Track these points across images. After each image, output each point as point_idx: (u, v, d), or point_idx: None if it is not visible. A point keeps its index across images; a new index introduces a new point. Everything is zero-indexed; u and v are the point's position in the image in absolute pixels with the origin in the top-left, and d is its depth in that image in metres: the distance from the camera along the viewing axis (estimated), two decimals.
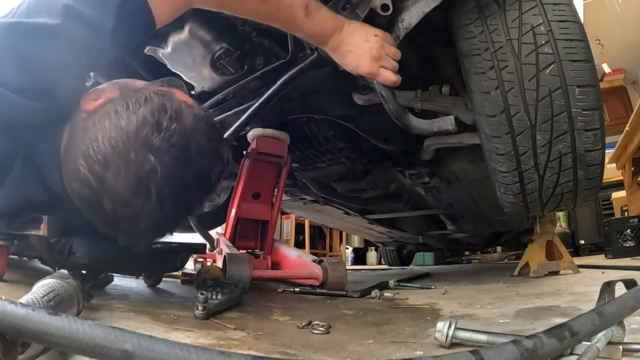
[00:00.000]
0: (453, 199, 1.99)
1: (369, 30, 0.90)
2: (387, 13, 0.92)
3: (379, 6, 0.92)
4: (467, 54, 0.97)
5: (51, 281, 0.63)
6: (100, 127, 0.62)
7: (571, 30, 0.90)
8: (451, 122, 1.04)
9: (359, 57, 0.89)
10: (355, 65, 0.90)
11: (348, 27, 0.89)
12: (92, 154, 0.60)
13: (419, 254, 4.73)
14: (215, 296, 0.98)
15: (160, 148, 0.61)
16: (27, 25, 0.62)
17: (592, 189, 1.03)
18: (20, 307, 0.36)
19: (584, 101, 0.89)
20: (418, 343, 0.75)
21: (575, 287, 1.32)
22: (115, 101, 0.65)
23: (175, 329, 0.78)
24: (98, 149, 0.60)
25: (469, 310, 1.07)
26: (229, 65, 1.20)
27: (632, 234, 2.60)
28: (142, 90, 0.68)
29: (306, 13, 0.81)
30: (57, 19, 0.61)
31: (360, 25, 0.91)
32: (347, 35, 0.88)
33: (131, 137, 0.61)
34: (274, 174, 1.69)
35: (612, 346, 0.54)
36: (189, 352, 0.36)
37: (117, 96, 0.67)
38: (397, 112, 1.00)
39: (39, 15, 0.62)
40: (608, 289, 0.66)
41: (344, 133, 1.57)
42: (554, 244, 1.86)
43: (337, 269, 1.55)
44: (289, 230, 5.47)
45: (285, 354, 0.66)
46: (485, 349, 0.44)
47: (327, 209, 2.43)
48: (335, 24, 0.87)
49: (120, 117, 0.62)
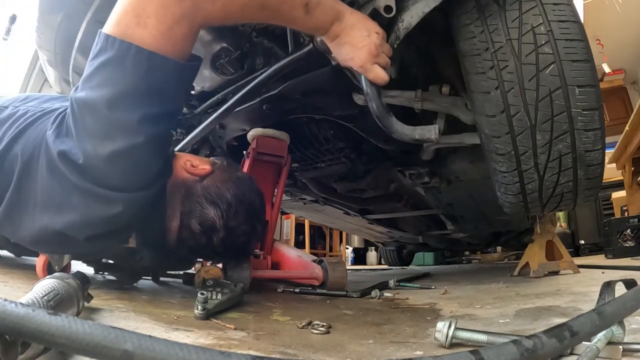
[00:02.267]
0: (453, 199, 1.99)
1: (371, 26, 0.89)
2: (390, 15, 0.91)
3: (382, 7, 0.91)
4: (467, 54, 0.97)
5: (51, 281, 0.63)
6: (222, 186, 0.96)
7: (571, 30, 0.90)
8: (435, 131, 0.98)
9: (357, 50, 0.87)
10: (350, 57, 0.89)
11: (349, 17, 0.87)
12: (220, 204, 0.93)
13: (419, 254, 4.73)
14: (215, 296, 0.98)
15: (254, 204, 1.02)
16: (121, 153, 0.73)
17: (592, 189, 1.03)
18: (20, 307, 0.36)
19: (584, 101, 0.89)
20: (418, 343, 0.75)
21: (575, 287, 1.32)
22: (218, 173, 0.99)
23: (175, 329, 0.78)
24: (228, 202, 0.94)
25: (469, 310, 1.07)
26: (229, 65, 1.20)
27: (632, 234, 2.60)
28: (227, 164, 1.05)
29: (306, 11, 0.80)
30: (140, 136, 0.73)
31: (362, 17, 0.89)
32: (348, 27, 0.86)
33: (240, 197, 0.97)
34: (274, 174, 1.69)
35: (612, 346, 0.54)
36: (189, 352, 0.36)
37: (216, 169, 0.99)
38: (380, 112, 0.96)
39: (119, 135, 0.72)
40: (608, 289, 0.66)
41: (344, 133, 1.57)
42: (554, 244, 1.86)
43: (337, 269, 1.55)
44: (289, 230, 5.47)
45: (285, 354, 0.66)
46: (485, 349, 0.44)
47: (327, 209, 2.43)
48: (335, 14, 0.85)
49: (231, 182, 0.98)
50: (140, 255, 1.12)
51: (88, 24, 1.16)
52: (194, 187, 0.94)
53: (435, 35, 1.13)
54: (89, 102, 0.72)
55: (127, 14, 0.69)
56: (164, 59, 0.70)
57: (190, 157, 1.00)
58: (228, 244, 0.95)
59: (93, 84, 0.72)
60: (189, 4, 0.68)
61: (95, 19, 1.14)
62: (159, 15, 0.68)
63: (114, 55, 0.69)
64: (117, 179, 0.76)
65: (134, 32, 0.68)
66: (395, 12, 0.91)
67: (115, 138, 0.72)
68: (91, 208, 0.78)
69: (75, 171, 0.75)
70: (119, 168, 0.75)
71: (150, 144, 0.75)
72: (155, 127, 0.75)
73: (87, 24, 1.16)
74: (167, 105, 0.78)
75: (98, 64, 0.71)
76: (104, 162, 0.73)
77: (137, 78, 0.70)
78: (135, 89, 0.70)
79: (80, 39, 1.22)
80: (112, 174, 0.75)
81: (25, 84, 3.25)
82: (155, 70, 0.70)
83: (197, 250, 0.97)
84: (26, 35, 2.96)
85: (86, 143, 0.73)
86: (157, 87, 0.73)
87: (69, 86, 1.49)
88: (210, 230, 0.92)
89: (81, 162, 0.73)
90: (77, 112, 0.74)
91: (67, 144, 0.76)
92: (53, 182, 0.79)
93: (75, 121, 0.75)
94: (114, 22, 0.70)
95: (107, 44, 0.70)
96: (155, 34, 0.68)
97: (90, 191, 0.76)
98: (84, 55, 1.28)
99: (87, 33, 1.19)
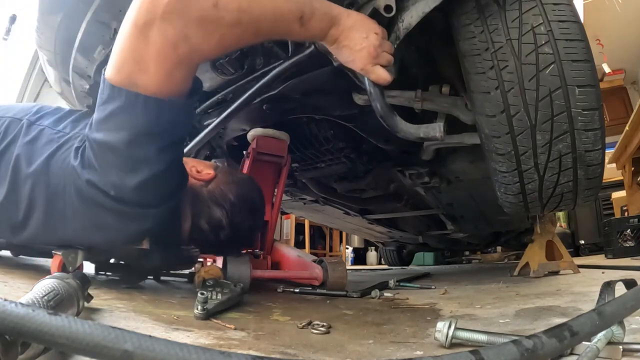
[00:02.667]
0: (453, 199, 1.99)
1: (369, 26, 0.88)
2: (390, 14, 0.90)
3: (382, 7, 0.90)
4: (467, 54, 0.97)
5: (51, 281, 0.63)
6: (224, 189, 1.06)
7: (571, 30, 0.90)
8: (439, 129, 0.99)
9: (356, 52, 0.86)
10: (351, 59, 0.89)
11: (347, 20, 0.86)
12: (224, 204, 1.03)
13: (419, 254, 4.73)
14: (215, 296, 0.98)
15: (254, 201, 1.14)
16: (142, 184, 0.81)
17: (592, 189, 1.03)
18: (20, 307, 0.36)
19: (584, 101, 0.89)
20: (418, 343, 0.75)
21: (575, 287, 1.32)
22: (221, 177, 1.09)
23: (175, 329, 0.78)
24: (231, 202, 1.04)
25: (469, 310, 1.07)
26: (229, 65, 1.20)
27: (632, 234, 2.60)
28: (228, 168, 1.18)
29: (301, 24, 0.79)
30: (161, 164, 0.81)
31: (359, 18, 0.88)
32: (346, 29, 0.86)
33: (242, 197, 1.08)
34: (274, 174, 1.69)
35: (612, 346, 0.54)
36: (189, 352, 0.36)
37: (219, 173, 1.09)
38: (384, 112, 0.96)
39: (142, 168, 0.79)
40: (608, 289, 0.66)
41: (344, 133, 1.57)
42: (554, 244, 1.86)
43: (337, 269, 1.55)
44: (289, 230, 5.47)
45: (285, 354, 0.66)
46: (485, 349, 0.44)
47: (327, 209, 2.43)
48: (331, 20, 0.84)
49: (233, 184, 1.08)
50: (150, 255, 1.21)
51: (88, 24, 1.16)
52: (201, 191, 1.04)
53: (435, 35, 1.13)
54: (108, 144, 0.78)
55: (127, 60, 0.71)
56: (171, 103, 0.74)
57: (195, 163, 1.09)
58: (234, 239, 1.08)
59: (109, 127, 0.77)
60: (184, 50, 0.69)
61: (95, 19, 1.14)
62: (157, 62, 0.69)
63: (124, 104, 0.73)
64: (147, 199, 0.85)
65: (137, 78, 0.71)
66: (395, 12, 0.91)
67: (139, 170, 0.79)
68: (126, 225, 0.87)
69: (107, 197, 0.82)
70: (148, 192, 0.83)
71: (171, 168, 0.83)
72: (172, 154, 0.83)
73: (87, 24, 1.16)
74: (178, 134, 0.85)
75: (110, 111, 0.75)
76: (133, 191, 0.80)
77: (149, 121, 0.75)
78: (149, 130, 0.76)
79: (80, 39, 1.22)
80: (142, 196, 0.83)
81: (25, 84, 3.25)
82: (164, 112, 0.75)
83: (207, 246, 1.15)
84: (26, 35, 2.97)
85: (112, 176, 0.80)
86: (168, 124, 0.78)
87: (69, 86, 1.49)
88: (218, 228, 1.03)
89: (113, 193, 0.81)
90: (98, 151, 0.80)
91: (93, 175, 0.83)
92: (84, 206, 0.86)
93: (97, 158, 0.81)
94: (116, 68, 0.73)
95: (114, 93, 0.73)
96: (157, 79, 0.71)
97: (125, 212, 0.84)
98: (84, 55, 1.28)
99: (87, 33, 1.19)
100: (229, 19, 0.68)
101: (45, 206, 0.90)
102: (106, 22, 1.13)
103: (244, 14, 0.70)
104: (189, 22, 0.67)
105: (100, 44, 1.21)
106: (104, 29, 1.15)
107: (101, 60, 1.24)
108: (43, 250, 1.21)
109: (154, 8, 0.66)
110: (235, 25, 0.70)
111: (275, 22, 0.76)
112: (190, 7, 0.66)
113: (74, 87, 1.46)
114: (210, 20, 0.68)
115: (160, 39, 0.67)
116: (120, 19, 1.07)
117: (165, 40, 0.67)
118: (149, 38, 0.67)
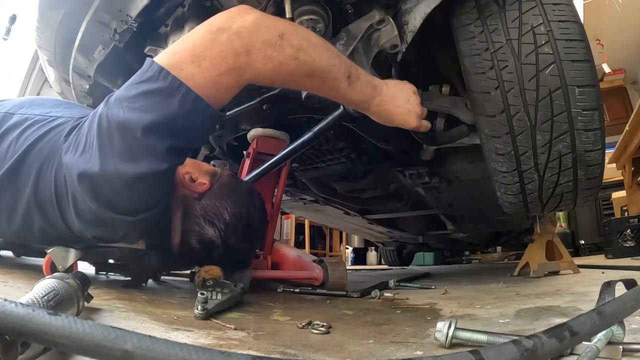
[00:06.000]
0: (453, 199, 1.99)
1: (407, 88, 0.97)
2: (395, 51, 1.00)
3: (388, 47, 1.00)
4: (467, 54, 0.97)
5: (51, 281, 0.63)
6: (220, 205, 0.96)
7: (571, 30, 0.90)
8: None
9: (405, 116, 0.96)
10: (402, 123, 0.97)
11: (386, 90, 0.93)
12: (218, 224, 0.94)
13: (419, 254, 4.73)
14: (215, 296, 0.98)
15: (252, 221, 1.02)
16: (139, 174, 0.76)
17: (592, 189, 1.03)
18: (20, 307, 0.36)
19: (584, 101, 0.89)
20: (418, 343, 0.75)
21: (575, 287, 1.32)
22: (217, 189, 0.98)
23: (175, 329, 0.78)
24: (226, 222, 0.95)
25: (469, 310, 1.07)
26: None
27: (632, 234, 2.60)
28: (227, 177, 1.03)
29: (349, 83, 0.85)
30: (164, 163, 0.77)
31: (396, 84, 0.96)
32: (389, 100, 0.93)
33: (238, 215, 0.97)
34: (274, 174, 1.69)
35: (612, 346, 0.54)
36: (189, 352, 0.36)
37: (215, 184, 0.98)
38: (439, 142, 1.16)
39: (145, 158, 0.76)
40: (608, 289, 0.66)
41: (344, 133, 1.57)
42: (554, 244, 1.86)
43: (337, 269, 1.55)
44: (289, 230, 5.47)
45: (285, 354, 0.66)
46: (485, 349, 0.44)
47: (327, 209, 2.43)
48: (374, 90, 0.91)
49: (230, 200, 0.97)
50: (148, 256, 1.17)
51: (88, 24, 1.16)
52: (193, 206, 0.95)
53: (435, 35, 1.13)
54: (125, 122, 0.74)
55: (185, 49, 0.73)
56: (207, 106, 0.75)
57: (190, 168, 0.97)
58: (227, 259, 1.02)
59: (135, 106, 0.74)
60: (243, 60, 0.73)
61: (95, 19, 1.14)
62: (214, 61, 0.72)
63: (164, 88, 0.72)
64: (128, 202, 0.79)
65: (186, 67, 0.72)
66: (398, 20, 0.93)
67: (140, 161, 0.75)
68: (98, 230, 0.84)
69: (90, 192, 0.78)
70: (135, 191, 0.78)
71: (169, 171, 0.80)
72: (178, 158, 0.82)
73: (87, 23, 1.16)
74: (193, 143, 0.86)
75: (145, 89, 0.74)
76: (122, 183, 0.76)
77: (178, 114, 0.74)
78: (174, 122, 0.74)
79: (80, 39, 1.21)
80: (125, 196, 0.78)
81: (25, 84, 3.25)
82: (197, 113, 0.75)
83: (198, 262, 1.11)
84: (26, 35, 2.96)
85: (108, 160, 0.76)
86: (192, 126, 0.77)
87: (69, 86, 1.49)
88: (210, 248, 0.96)
89: (97, 170, 0.76)
90: (106, 128, 0.76)
91: (83, 158, 0.79)
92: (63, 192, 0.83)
93: (100, 136, 0.77)
94: (171, 52, 0.75)
95: (159, 75, 0.73)
96: (205, 76, 0.72)
97: (99, 215, 0.80)
98: (84, 55, 1.27)
99: (87, 33, 1.19)
100: (288, 52, 0.75)
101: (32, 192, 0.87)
102: (106, 22, 1.13)
103: (302, 52, 0.77)
104: (256, 41, 0.73)
105: (100, 44, 1.20)
106: (104, 29, 1.15)
107: (101, 60, 1.24)
108: (43, 251, 1.21)
109: (232, 21, 0.73)
110: (292, 58, 0.76)
111: (327, 71, 0.81)
112: (261, 31, 0.74)
113: (74, 87, 1.46)
114: (274, 47, 0.74)
115: (226, 43, 0.72)
116: (120, 19, 1.08)
117: (230, 46, 0.72)
118: (217, 39, 0.72)
